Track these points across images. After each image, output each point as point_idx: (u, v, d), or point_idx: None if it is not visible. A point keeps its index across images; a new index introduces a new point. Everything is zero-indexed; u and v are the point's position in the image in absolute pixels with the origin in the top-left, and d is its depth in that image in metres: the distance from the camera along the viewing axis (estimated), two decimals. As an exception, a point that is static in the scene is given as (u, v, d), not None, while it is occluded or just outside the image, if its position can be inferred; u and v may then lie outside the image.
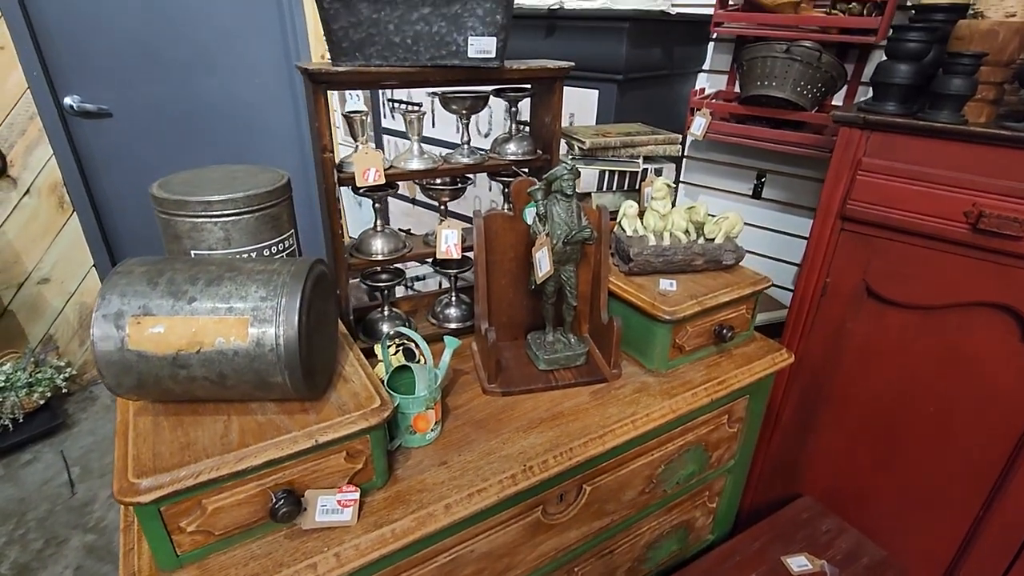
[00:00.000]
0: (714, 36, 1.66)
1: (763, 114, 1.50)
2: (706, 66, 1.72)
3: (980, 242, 1.02)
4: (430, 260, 1.10)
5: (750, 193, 1.75)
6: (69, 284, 2.31)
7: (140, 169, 2.39)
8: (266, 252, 0.81)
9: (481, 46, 0.89)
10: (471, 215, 1.87)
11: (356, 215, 3.10)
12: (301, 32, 2.77)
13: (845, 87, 1.47)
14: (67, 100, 2.15)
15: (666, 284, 1.08)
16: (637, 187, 1.23)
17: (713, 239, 1.15)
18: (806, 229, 1.66)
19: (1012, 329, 1.05)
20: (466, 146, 1.05)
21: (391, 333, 0.91)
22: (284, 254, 0.85)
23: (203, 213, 0.75)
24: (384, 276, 1.10)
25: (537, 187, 0.92)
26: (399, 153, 1.03)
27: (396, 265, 1.11)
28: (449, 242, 1.07)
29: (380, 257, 1.04)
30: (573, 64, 1.03)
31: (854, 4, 1.32)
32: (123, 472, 0.61)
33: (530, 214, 1.00)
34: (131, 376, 0.64)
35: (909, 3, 1.32)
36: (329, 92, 0.89)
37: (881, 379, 1.23)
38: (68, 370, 2.25)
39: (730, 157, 1.75)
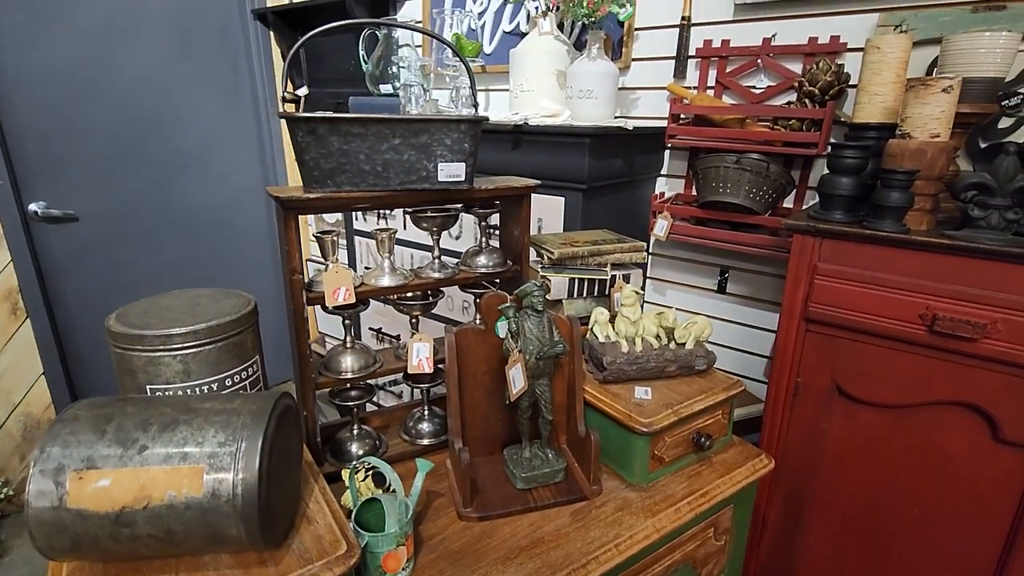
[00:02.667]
0: (669, 146, 1.78)
1: (721, 217, 1.57)
2: (664, 171, 1.82)
3: (939, 343, 1.05)
4: (401, 375, 1.07)
5: (715, 288, 1.81)
6: (15, 395, 2.17)
7: (106, 272, 2.34)
8: (228, 383, 0.78)
9: (451, 171, 0.92)
10: (453, 317, 1.86)
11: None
12: (276, 136, 2.87)
13: (794, 191, 1.56)
14: (32, 206, 2.13)
15: (641, 393, 1.07)
16: (607, 293, 1.25)
17: (684, 344, 1.16)
18: (771, 322, 1.72)
19: (982, 428, 1.06)
20: (437, 260, 1.06)
21: (358, 463, 0.86)
22: (247, 382, 0.81)
23: (161, 347, 0.72)
24: (354, 393, 1.06)
25: (508, 304, 0.93)
26: (371, 269, 1.03)
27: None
28: (421, 355, 1.05)
29: (350, 375, 1.00)
30: (539, 183, 1.07)
31: (794, 121, 1.44)
32: (47, 656, 0.54)
33: (502, 328, 0.99)
34: (65, 538, 0.58)
35: (843, 119, 1.44)
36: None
37: (862, 480, 1.22)
38: (5, 490, 2.07)
39: (694, 255, 1.81)
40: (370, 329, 2.20)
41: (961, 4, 1.26)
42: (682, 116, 1.62)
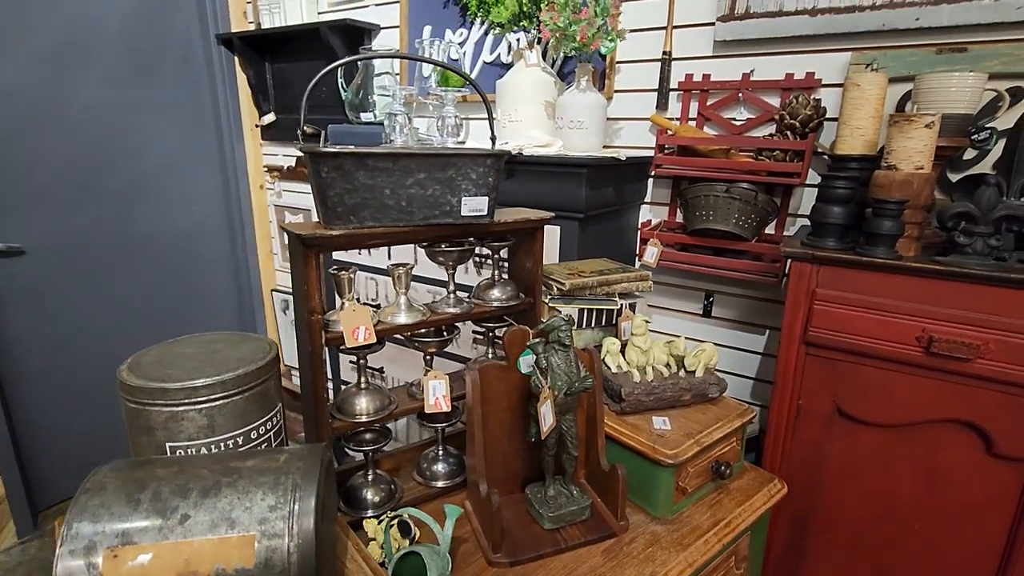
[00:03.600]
0: (652, 174, 1.82)
1: (711, 244, 1.62)
2: (647, 199, 1.86)
3: (936, 364, 1.10)
4: (417, 415, 1.03)
5: (700, 312, 1.84)
6: (-52, 448, 1.96)
7: (54, 308, 2.17)
8: (253, 435, 0.73)
9: (474, 205, 0.91)
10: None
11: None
12: (240, 161, 2.77)
13: (775, 218, 1.63)
14: (-28, 241, 1.96)
15: (659, 423, 1.07)
16: (614, 322, 1.25)
17: (693, 371, 1.17)
18: (756, 344, 1.77)
19: (977, 443, 1.12)
20: (452, 295, 1.04)
21: (392, 514, 0.81)
22: (271, 433, 0.76)
23: (185, 401, 0.66)
24: (368, 436, 1.01)
25: (537, 340, 0.91)
26: (386, 306, 0.99)
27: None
28: (437, 393, 1.02)
29: (365, 418, 0.95)
30: (553, 215, 1.07)
31: (777, 152, 1.50)
32: None
33: (524, 362, 0.97)
34: (98, 626, 0.51)
35: (819, 151, 1.52)
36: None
37: (864, 498, 1.25)
38: (-67, 557, 1.85)
39: (679, 280, 1.85)
40: (350, 363, 2.12)
41: (926, 46, 1.36)
42: (666, 146, 1.67)
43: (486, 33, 2.00)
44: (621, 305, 1.24)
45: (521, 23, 1.64)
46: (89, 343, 2.29)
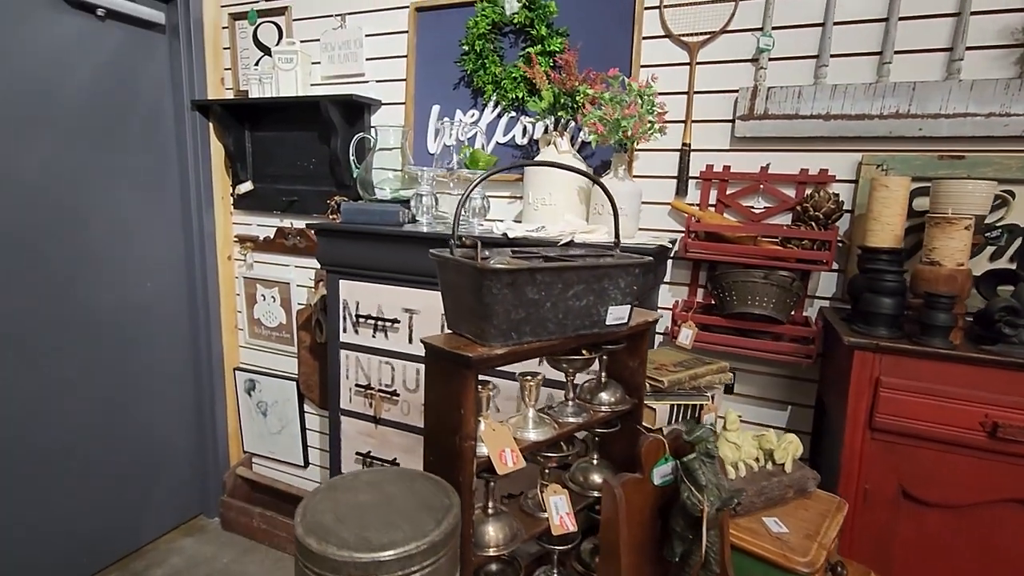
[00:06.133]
0: (672, 256, 1.88)
1: (734, 325, 1.67)
2: (667, 279, 1.92)
3: (998, 447, 1.18)
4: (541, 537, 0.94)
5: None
6: None
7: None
8: (450, 600, 0.62)
9: (618, 314, 0.88)
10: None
11: (260, 425, 2.69)
12: (208, 231, 2.57)
13: (798, 301, 1.73)
14: None
15: (773, 524, 1.05)
16: (697, 416, 1.24)
17: (782, 464, 1.18)
18: (778, 420, 1.82)
19: (1037, 521, 1.20)
20: (572, 402, 0.98)
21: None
22: (458, 593, 0.66)
23: (399, 572, 0.56)
24: (495, 568, 0.91)
25: (694, 456, 0.88)
26: (512, 419, 0.92)
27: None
28: (560, 511, 0.94)
29: (494, 551, 0.86)
30: (660, 315, 1.06)
31: (806, 241, 1.61)
32: None
33: (658, 473, 0.93)
34: None
35: (838, 239, 1.64)
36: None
37: (932, 578, 1.29)
38: None
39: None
40: (357, 454, 1.94)
41: (929, 151, 1.54)
42: (693, 232, 1.74)
43: (499, 116, 2.02)
44: (709, 398, 1.23)
45: (558, 113, 1.68)
46: (20, 437, 1.95)
